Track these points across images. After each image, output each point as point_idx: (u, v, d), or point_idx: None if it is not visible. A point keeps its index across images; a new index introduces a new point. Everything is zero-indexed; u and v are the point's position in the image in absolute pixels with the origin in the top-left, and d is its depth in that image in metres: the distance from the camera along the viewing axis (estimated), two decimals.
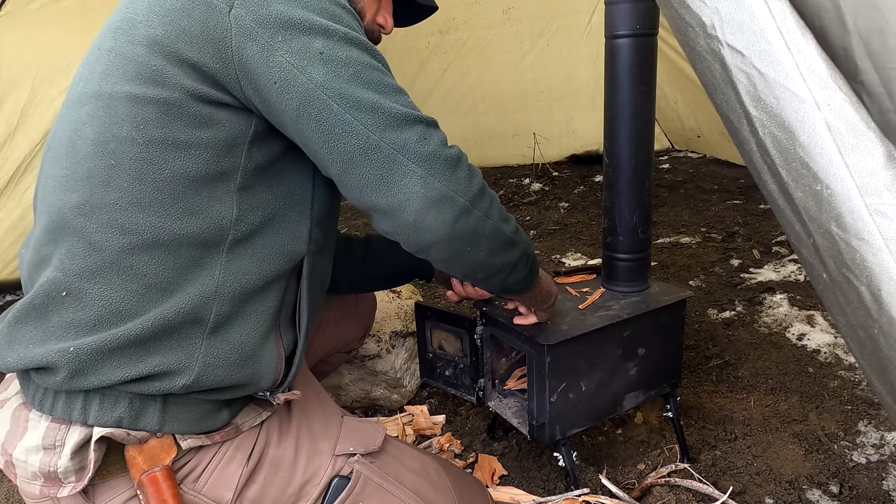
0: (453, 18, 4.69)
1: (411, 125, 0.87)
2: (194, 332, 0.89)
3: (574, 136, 4.94)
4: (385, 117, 0.85)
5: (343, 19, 0.89)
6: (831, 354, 2.14)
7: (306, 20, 0.84)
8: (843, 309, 0.65)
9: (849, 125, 0.59)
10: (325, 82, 0.84)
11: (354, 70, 0.85)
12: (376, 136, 0.85)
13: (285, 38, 0.83)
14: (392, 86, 0.88)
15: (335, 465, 1.00)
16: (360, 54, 0.87)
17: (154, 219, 0.86)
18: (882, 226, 0.58)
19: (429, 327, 1.64)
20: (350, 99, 0.84)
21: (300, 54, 0.83)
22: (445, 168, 0.87)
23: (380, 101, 0.85)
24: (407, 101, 0.89)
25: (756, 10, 0.61)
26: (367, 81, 0.86)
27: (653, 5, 1.39)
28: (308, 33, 0.84)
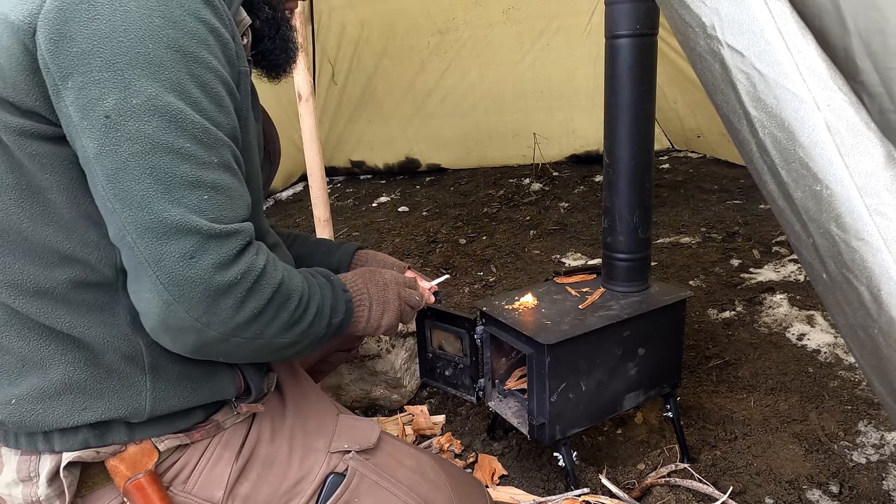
0: (453, 18, 4.69)
1: (180, 237, 0.72)
2: (134, 372, 0.85)
3: (574, 136, 4.94)
4: (148, 220, 0.71)
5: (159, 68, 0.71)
6: (831, 354, 2.14)
7: (106, 69, 0.69)
8: (843, 309, 0.65)
9: (849, 125, 0.59)
10: (97, 156, 0.70)
11: (138, 150, 0.70)
12: (131, 238, 0.72)
13: (74, 85, 0.69)
14: (184, 178, 0.72)
15: (330, 462, 1.00)
16: (159, 129, 0.71)
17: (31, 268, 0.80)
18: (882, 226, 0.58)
19: (429, 327, 1.64)
20: (117, 186, 0.71)
21: (82, 111, 0.70)
22: (202, 298, 0.74)
23: (151, 197, 0.71)
24: (197, 200, 0.73)
25: (756, 10, 0.61)
26: (149, 168, 0.71)
27: (653, 5, 1.39)
28: (99, 85, 0.69)
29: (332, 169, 5.39)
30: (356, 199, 4.76)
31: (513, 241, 3.55)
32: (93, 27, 0.69)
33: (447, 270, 3.22)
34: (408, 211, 4.33)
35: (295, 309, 0.87)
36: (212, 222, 0.74)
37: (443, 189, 4.77)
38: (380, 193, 4.81)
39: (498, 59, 4.79)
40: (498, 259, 3.31)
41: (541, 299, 1.63)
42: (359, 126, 5.20)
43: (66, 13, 0.69)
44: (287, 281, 0.86)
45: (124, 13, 0.70)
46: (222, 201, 0.76)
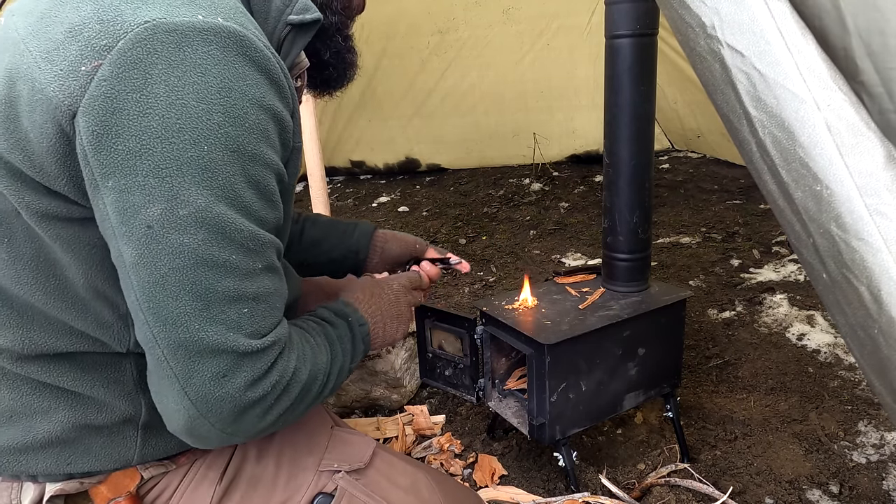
0: (453, 18, 4.69)
1: (214, 357, 0.68)
2: (126, 428, 0.82)
3: (574, 136, 4.94)
4: (183, 338, 0.66)
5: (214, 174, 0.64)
6: (831, 354, 2.14)
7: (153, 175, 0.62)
8: (842, 309, 0.65)
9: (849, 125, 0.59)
10: (133, 266, 0.65)
11: (179, 265, 0.65)
12: (161, 352, 0.67)
13: (116, 186, 0.63)
14: (226, 293, 0.67)
15: (318, 481, 0.96)
16: (203, 242, 0.65)
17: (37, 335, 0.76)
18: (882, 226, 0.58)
19: (429, 327, 1.64)
20: (153, 300, 0.66)
21: (122, 216, 0.64)
22: (230, 413, 0.70)
23: (188, 314, 0.66)
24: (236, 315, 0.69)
25: (756, 10, 0.61)
26: (190, 284, 0.66)
27: (653, 5, 1.39)
28: (145, 192, 0.62)
29: (332, 169, 5.38)
30: (356, 199, 4.76)
31: (513, 241, 3.55)
32: (143, 123, 0.61)
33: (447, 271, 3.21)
34: (408, 211, 4.33)
35: (321, 388, 0.84)
36: (249, 338, 0.70)
37: (443, 189, 4.77)
38: (380, 193, 4.81)
39: (498, 59, 4.78)
40: (498, 259, 3.31)
41: (541, 299, 1.63)
42: (359, 126, 5.20)
43: (115, 102, 0.61)
44: (313, 365, 0.81)
45: (181, 108, 0.62)
46: (262, 311, 0.72)
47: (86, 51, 0.62)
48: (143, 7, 0.63)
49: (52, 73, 0.63)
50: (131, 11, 0.63)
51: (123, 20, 0.62)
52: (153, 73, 0.61)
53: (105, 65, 0.61)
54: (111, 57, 0.61)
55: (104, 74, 0.61)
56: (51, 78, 0.62)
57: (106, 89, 0.61)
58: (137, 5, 0.63)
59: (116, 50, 0.61)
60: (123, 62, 0.61)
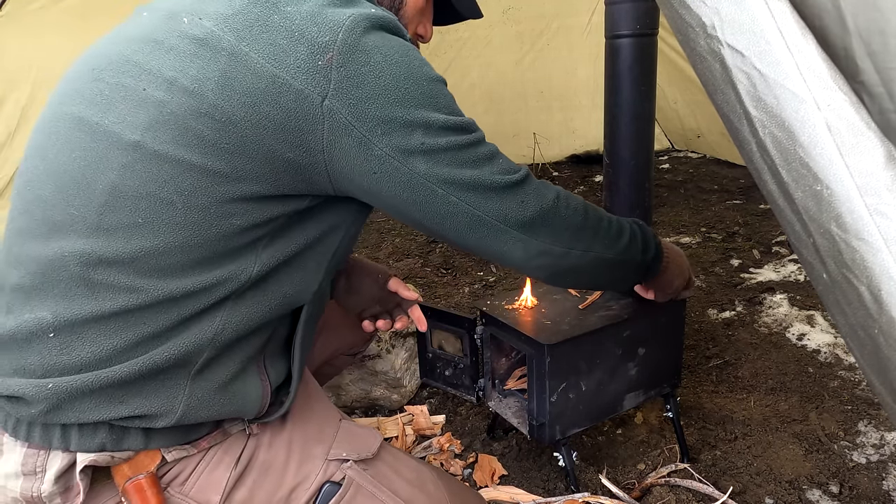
0: None
1: (509, 192, 0.91)
2: (180, 375, 0.86)
3: (574, 136, 4.94)
4: (486, 191, 0.89)
5: (437, 100, 0.87)
6: (831, 354, 2.14)
7: (404, 117, 0.83)
8: (843, 309, 0.65)
9: (849, 125, 0.59)
10: (428, 171, 0.85)
11: (453, 155, 0.87)
12: (480, 211, 0.89)
13: (385, 133, 0.82)
14: (486, 155, 0.91)
15: (327, 470, 0.98)
16: (455, 138, 0.87)
17: (170, 281, 0.82)
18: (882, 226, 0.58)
19: (429, 327, 1.64)
20: (452, 182, 0.87)
21: (400, 148, 0.83)
22: (543, 226, 0.94)
23: (479, 177, 0.89)
24: (500, 165, 0.92)
25: (756, 10, 0.61)
26: (465, 161, 0.88)
27: (653, 5, 1.39)
28: (406, 127, 0.83)
29: None
30: None
31: None
32: (381, 84, 0.81)
33: (447, 271, 3.22)
34: None
35: (608, 225, 1.04)
36: (516, 173, 0.93)
37: None
38: None
39: (498, 59, 4.79)
40: None
41: (541, 299, 1.63)
42: None
43: (356, 78, 0.80)
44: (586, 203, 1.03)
45: (395, 65, 0.83)
46: (505, 158, 0.94)
47: (314, 49, 0.79)
48: (335, 9, 0.82)
49: (293, 70, 0.78)
50: (331, 12, 0.81)
51: (332, 19, 0.80)
52: (368, 48, 0.81)
53: (335, 55, 0.79)
54: (337, 47, 0.79)
55: (339, 62, 0.79)
56: (293, 73, 0.78)
57: (345, 73, 0.79)
58: (331, 9, 0.82)
59: (339, 41, 0.79)
60: (348, 49, 0.80)
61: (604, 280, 1.12)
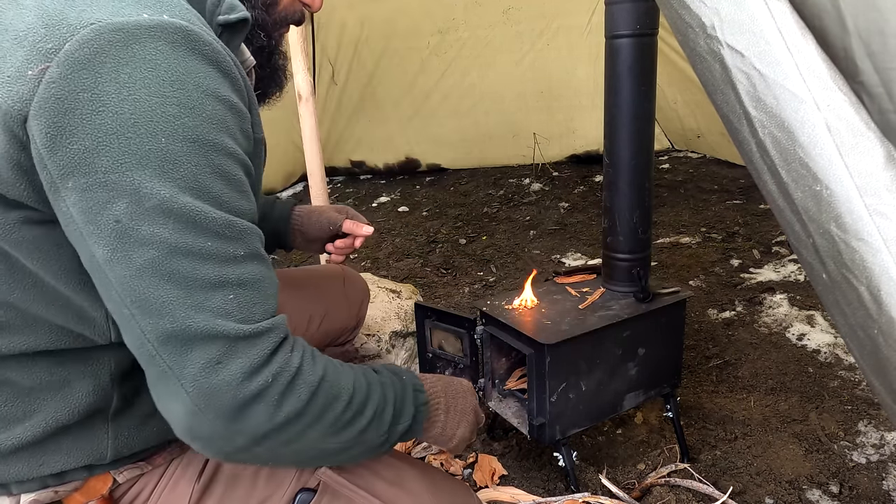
0: (453, 18, 4.69)
1: (205, 343, 0.65)
2: (95, 423, 0.80)
3: (574, 136, 4.93)
4: (171, 328, 0.64)
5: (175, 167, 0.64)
6: (831, 354, 2.14)
7: (113, 171, 0.61)
8: (842, 309, 0.65)
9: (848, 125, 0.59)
10: (108, 263, 0.64)
11: (154, 256, 0.63)
12: (152, 346, 0.65)
13: (76, 186, 0.62)
14: (207, 279, 0.66)
15: (300, 477, 0.94)
16: (172, 231, 0.64)
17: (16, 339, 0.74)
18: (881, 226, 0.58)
19: (428, 327, 1.64)
20: (133, 293, 0.64)
21: (87, 215, 0.62)
22: (230, 406, 0.66)
23: (172, 303, 0.64)
24: (222, 301, 0.66)
25: (756, 10, 0.61)
26: (168, 273, 0.64)
27: (653, 5, 1.39)
28: (107, 188, 0.62)
29: (332, 169, 5.38)
30: (356, 199, 4.76)
31: (513, 241, 3.55)
32: (97, 121, 0.61)
33: (447, 271, 3.22)
34: (408, 211, 4.33)
35: (344, 410, 0.77)
36: (240, 323, 0.67)
37: (443, 189, 4.77)
38: (380, 193, 4.80)
39: (498, 59, 4.78)
40: (498, 259, 3.31)
41: (541, 299, 1.63)
42: (359, 126, 5.19)
43: (66, 103, 0.60)
44: (332, 377, 0.76)
45: (133, 103, 0.62)
46: (250, 297, 0.69)
47: (31, 55, 0.61)
48: (87, 10, 0.63)
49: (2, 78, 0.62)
50: (76, 14, 0.62)
51: (69, 23, 0.62)
52: (102, 71, 0.61)
53: (53, 67, 0.60)
54: (59, 59, 0.60)
55: (52, 76, 0.60)
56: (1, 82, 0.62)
57: (56, 90, 0.60)
58: (82, 8, 0.63)
59: (63, 52, 0.61)
60: (71, 63, 0.60)
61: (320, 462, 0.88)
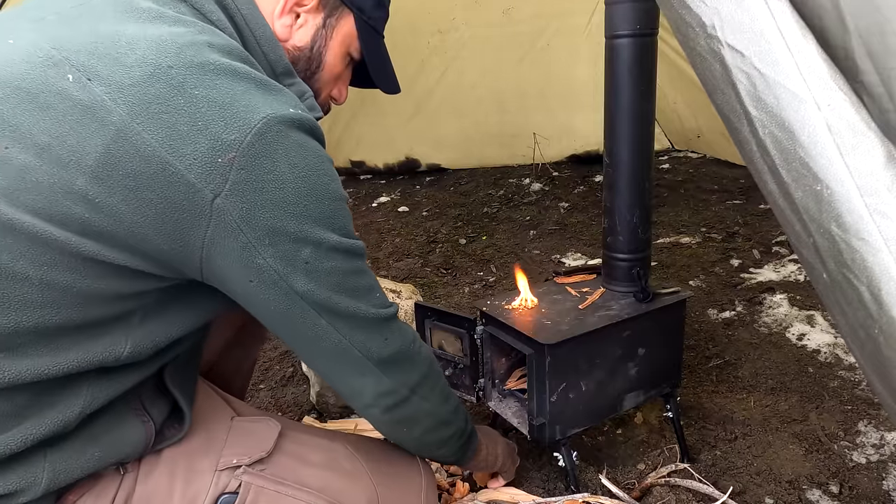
0: (453, 18, 4.69)
1: (378, 327, 0.93)
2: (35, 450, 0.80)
3: (574, 136, 4.93)
4: (357, 322, 0.90)
5: (335, 219, 0.85)
6: (831, 354, 2.14)
7: (296, 231, 0.81)
8: (843, 309, 0.65)
9: (849, 125, 0.59)
10: (307, 292, 0.84)
11: (336, 279, 0.87)
12: (347, 340, 0.90)
13: (272, 243, 0.80)
14: (366, 286, 0.92)
15: (219, 482, 0.93)
16: (343, 261, 0.87)
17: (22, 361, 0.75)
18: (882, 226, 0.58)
19: (429, 327, 1.64)
20: (327, 307, 0.87)
21: (284, 261, 0.81)
22: (398, 367, 0.97)
23: (354, 306, 0.89)
24: (376, 298, 0.94)
25: (756, 10, 0.61)
26: (346, 288, 0.88)
27: (653, 5, 1.39)
28: (296, 242, 0.81)
29: None
30: (356, 199, 4.76)
31: (513, 241, 3.55)
32: (280, 195, 0.78)
33: (447, 271, 3.22)
34: (408, 211, 4.33)
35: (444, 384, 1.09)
36: (387, 309, 0.95)
37: (443, 189, 4.77)
38: (380, 193, 4.80)
39: (498, 59, 4.78)
40: (498, 259, 3.31)
41: (541, 299, 1.63)
42: (359, 126, 5.19)
43: (255, 184, 0.76)
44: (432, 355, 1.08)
45: (303, 179, 0.80)
46: (381, 292, 0.95)
47: (217, 144, 0.73)
48: (251, 104, 0.76)
49: (188, 161, 0.72)
50: (244, 108, 0.75)
51: (243, 116, 0.74)
52: (276, 157, 0.77)
53: (239, 156, 0.74)
54: (243, 149, 0.74)
55: (241, 164, 0.74)
56: (188, 165, 0.72)
57: (245, 176, 0.75)
58: (246, 102, 0.76)
59: (246, 143, 0.74)
60: (254, 153, 0.75)
61: (433, 437, 1.11)
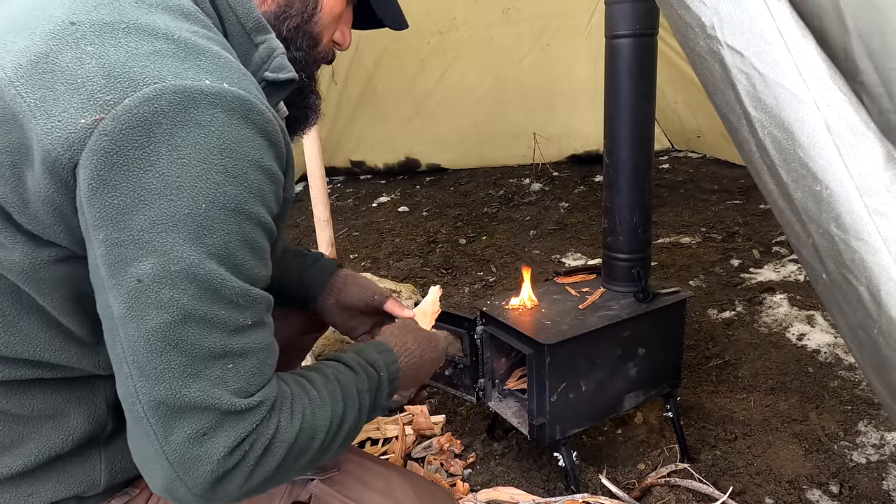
0: (453, 18, 4.69)
1: (195, 414, 0.65)
2: (88, 450, 0.80)
3: (574, 136, 4.94)
4: (165, 395, 0.64)
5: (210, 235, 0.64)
6: (831, 354, 2.14)
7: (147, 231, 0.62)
8: (842, 309, 0.65)
9: (848, 125, 0.59)
10: (121, 318, 0.64)
11: (167, 320, 0.64)
12: (141, 408, 0.65)
13: (107, 239, 0.62)
14: (211, 349, 0.66)
15: (291, 492, 0.94)
16: (192, 298, 0.64)
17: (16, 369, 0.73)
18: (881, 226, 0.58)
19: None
20: (136, 353, 0.64)
21: (112, 268, 0.63)
22: (206, 479, 0.67)
23: (172, 370, 0.64)
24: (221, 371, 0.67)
25: (756, 10, 0.61)
26: (176, 340, 0.64)
27: (653, 5, 1.39)
28: (139, 248, 0.62)
29: (332, 169, 5.39)
30: (356, 199, 4.76)
31: (513, 241, 3.55)
32: (143, 179, 0.61)
33: (447, 271, 3.22)
34: (408, 211, 4.33)
35: (322, 443, 0.79)
36: (234, 395, 0.68)
37: (443, 189, 4.77)
38: (380, 193, 4.81)
39: (498, 59, 4.79)
40: (498, 259, 3.31)
41: (541, 299, 1.63)
42: (359, 126, 5.20)
43: (116, 157, 0.61)
44: (309, 421, 0.77)
45: (182, 167, 0.62)
46: (250, 367, 0.69)
47: (87, 104, 0.61)
48: (151, 66, 0.62)
49: (48, 125, 0.61)
50: (139, 70, 0.62)
51: (131, 77, 0.61)
52: (157, 132, 0.61)
53: (108, 119, 0.60)
54: (115, 112, 0.60)
55: (106, 128, 0.60)
56: (47, 129, 0.61)
57: (107, 144, 0.60)
58: (145, 64, 0.62)
59: (122, 106, 0.60)
60: (128, 118, 0.60)
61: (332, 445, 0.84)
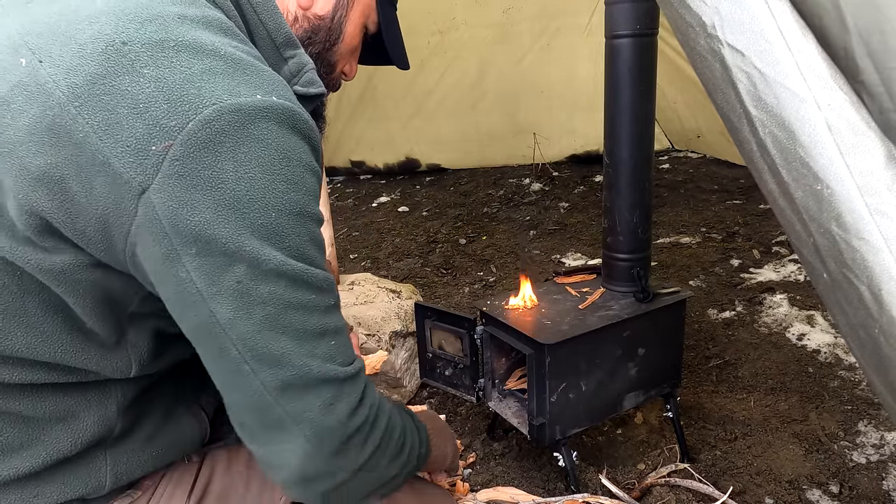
0: (453, 18, 4.69)
1: (319, 387, 0.72)
2: (94, 453, 0.81)
3: (574, 136, 4.94)
4: (289, 376, 0.70)
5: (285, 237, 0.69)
6: (831, 354, 2.14)
7: (229, 242, 0.65)
8: (843, 309, 0.65)
9: (849, 125, 0.59)
10: (230, 322, 0.67)
11: (272, 311, 0.68)
12: (272, 397, 0.70)
13: (199, 253, 0.65)
14: (314, 329, 0.72)
15: None
16: (286, 289, 0.69)
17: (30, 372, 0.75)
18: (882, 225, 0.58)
19: (429, 327, 1.64)
20: (254, 348, 0.68)
21: (209, 278, 0.66)
22: (337, 444, 0.73)
23: (290, 353, 0.70)
24: (327, 348, 0.73)
25: (756, 9, 0.61)
26: (284, 326, 0.69)
27: (653, 5, 1.39)
28: (227, 256, 0.66)
29: (332, 169, 5.39)
30: (356, 199, 4.76)
31: (513, 241, 3.55)
32: (216, 196, 0.65)
33: (447, 271, 3.22)
34: (408, 211, 4.33)
35: (398, 438, 0.85)
36: (342, 367, 0.74)
37: (443, 189, 4.77)
38: (380, 193, 4.81)
39: (498, 59, 4.79)
40: (498, 259, 3.31)
41: (541, 299, 1.63)
42: (359, 126, 5.20)
43: (190, 180, 0.64)
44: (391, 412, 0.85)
45: (249, 181, 0.66)
46: (343, 342, 0.76)
47: (153, 130, 0.63)
48: (206, 87, 0.65)
49: (117, 148, 0.63)
50: (196, 91, 0.64)
51: (190, 101, 0.64)
52: (222, 151, 0.64)
53: (176, 145, 0.63)
54: (182, 137, 0.63)
55: (176, 154, 0.63)
56: (117, 152, 0.63)
57: (179, 168, 0.63)
58: (201, 85, 0.65)
59: (187, 131, 0.63)
60: (194, 143, 0.63)
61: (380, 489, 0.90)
